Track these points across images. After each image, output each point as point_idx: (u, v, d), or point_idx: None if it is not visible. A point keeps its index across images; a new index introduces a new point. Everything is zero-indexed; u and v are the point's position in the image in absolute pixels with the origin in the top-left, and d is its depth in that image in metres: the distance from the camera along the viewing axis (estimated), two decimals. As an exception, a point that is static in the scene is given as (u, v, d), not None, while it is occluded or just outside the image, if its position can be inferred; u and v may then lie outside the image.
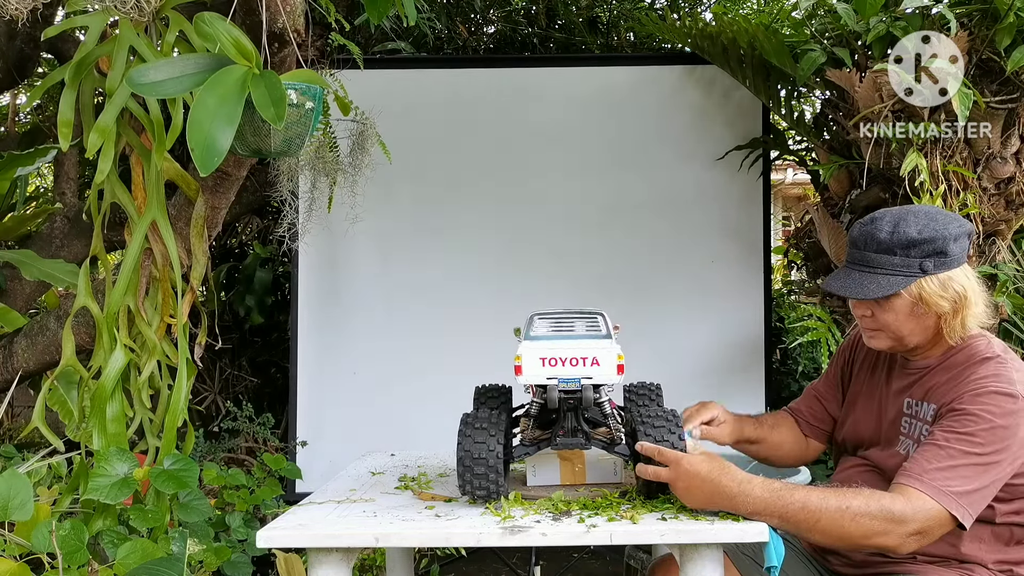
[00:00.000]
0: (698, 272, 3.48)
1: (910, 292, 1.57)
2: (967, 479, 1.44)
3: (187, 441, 2.18)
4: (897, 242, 1.58)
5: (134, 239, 2.01)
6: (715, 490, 1.45)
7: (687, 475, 1.46)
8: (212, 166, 1.56)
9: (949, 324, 1.59)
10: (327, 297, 3.46)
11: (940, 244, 1.56)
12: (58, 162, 3.04)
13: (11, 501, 1.71)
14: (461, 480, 1.54)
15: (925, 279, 1.56)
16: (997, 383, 1.50)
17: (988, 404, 1.48)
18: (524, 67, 3.65)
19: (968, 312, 1.58)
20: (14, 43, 3.03)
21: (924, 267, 1.57)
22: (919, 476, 1.45)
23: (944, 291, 1.57)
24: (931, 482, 1.44)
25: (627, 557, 2.63)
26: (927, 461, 1.47)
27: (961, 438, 1.47)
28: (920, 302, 1.57)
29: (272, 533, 1.44)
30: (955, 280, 1.57)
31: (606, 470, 1.71)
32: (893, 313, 1.60)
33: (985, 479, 1.46)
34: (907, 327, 1.61)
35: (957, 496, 1.43)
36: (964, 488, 1.44)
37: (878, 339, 1.66)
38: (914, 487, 1.44)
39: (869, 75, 2.60)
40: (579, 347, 1.56)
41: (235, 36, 1.72)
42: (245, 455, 3.55)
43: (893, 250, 1.58)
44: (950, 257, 1.57)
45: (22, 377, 2.54)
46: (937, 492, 1.43)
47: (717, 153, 3.42)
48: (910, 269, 1.57)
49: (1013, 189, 2.71)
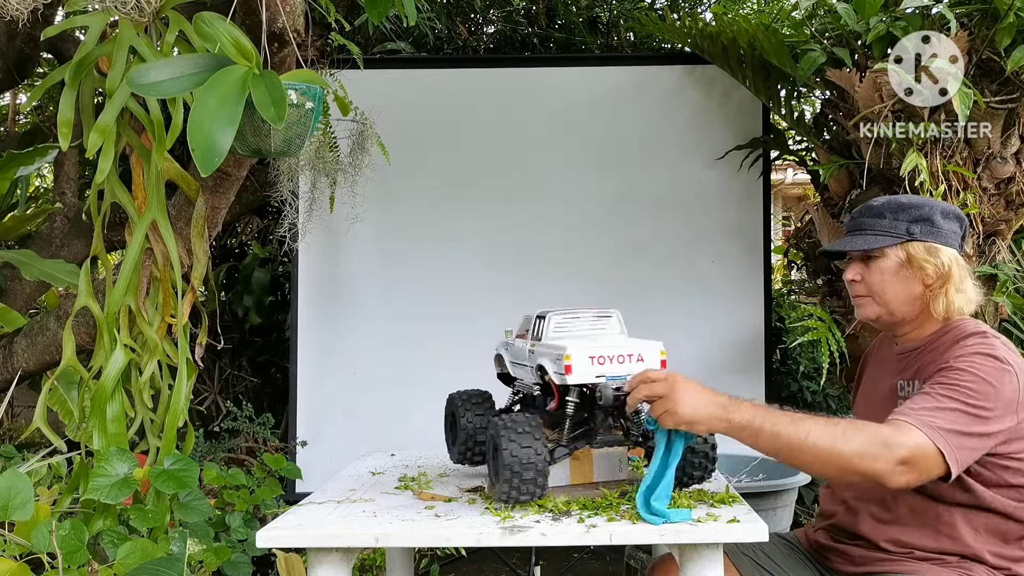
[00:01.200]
0: (698, 272, 3.48)
1: (897, 253, 1.65)
2: (953, 421, 1.46)
3: (187, 441, 2.18)
4: (887, 206, 1.69)
5: (134, 239, 2.01)
6: (710, 398, 1.47)
7: (684, 384, 1.47)
8: (213, 166, 1.56)
9: (934, 294, 1.63)
10: (327, 297, 3.46)
11: (927, 211, 1.65)
12: (58, 162, 3.04)
13: (12, 501, 1.70)
14: (507, 486, 1.50)
15: (912, 243, 1.64)
16: (983, 348, 1.55)
17: (974, 362, 1.52)
18: (524, 67, 3.65)
19: (951, 288, 1.63)
20: (14, 43, 3.04)
21: (911, 231, 1.65)
22: (907, 413, 1.48)
23: (930, 255, 1.63)
24: (918, 417, 1.46)
25: (627, 557, 2.63)
26: (915, 403, 1.50)
27: (949, 388, 1.50)
28: (907, 264, 1.64)
29: (272, 533, 1.44)
30: (943, 253, 1.63)
31: (612, 467, 1.71)
32: (880, 274, 1.67)
33: (972, 428, 1.47)
34: (892, 290, 1.66)
35: (944, 432, 1.45)
36: (951, 427, 1.46)
37: (866, 306, 1.71)
38: (902, 419, 1.47)
39: (869, 75, 2.60)
40: (625, 344, 1.56)
41: (235, 36, 1.72)
42: (245, 455, 3.55)
43: (883, 213, 1.68)
44: (937, 228, 1.65)
45: (22, 377, 2.54)
46: (924, 425, 1.45)
47: (717, 153, 3.42)
48: (897, 231, 1.66)
49: (1013, 189, 2.71)
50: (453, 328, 3.41)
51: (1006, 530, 1.56)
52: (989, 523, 1.56)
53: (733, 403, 1.48)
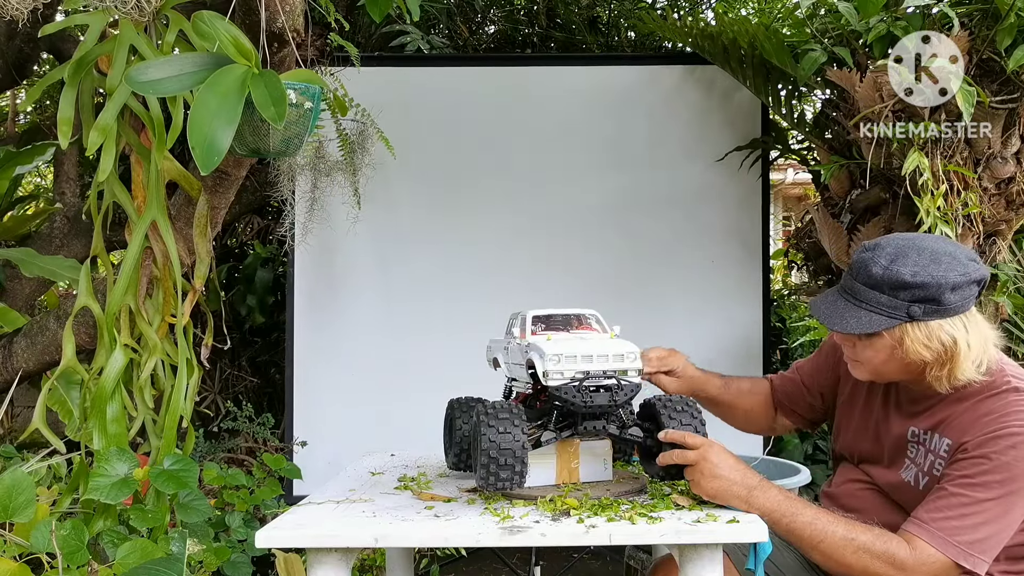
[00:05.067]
0: (697, 272, 3.48)
1: (892, 335, 1.48)
2: (977, 527, 1.41)
3: (187, 441, 2.18)
4: (887, 280, 1.47)
5: (134, 239, 2.00)
6: (738, 479, 1.46)
7: (716, 459, 1.47)
8: (212, 165, 1.56)
9: (934, 375, 1.49)
10: (326, 297, 3.46)
11: (933, 292, 1.45)
12: (58, 162, 3.04)
13: (14, 501, 1.70)
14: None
15: (911, 324, 1.46)
16: (1016, 422, 1.43)
17: (1006, 447, 1.42)
18: (524, 66, 3.64)
19: (957, 365, 1.46)
20: (14, 43, 3.04)
21: (911, 312, 1.46)
22: (926, 525, 1.43)
23: (929, 341, 1.46)
24: (938, 532, 1.42)
25: (627, 557, 2.63)
26: (937, 510, 1.44)
27: (974, 485, 1.43)
28: (900, 347, 1.48)
29: (271, 533, 1.44)
30: (945, 330, 1.46)
31: (597, 468, 1.71)
32: (872, 351, 1.52)
33: (1000, 524, 1.42)
34: (886, 368, 1.54)
35: (966, 546, 1.41)
36: (974, 537, 1.41)
37: (858, 370, 1.60)
38: (921, 537, 1.43)
39: (869, 75, 2.60)
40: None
41: (234, 35, 1.72)
42: (245, 455, 3.55)
43: (882, 288, 1.48)
44: (944, 306, 1.46)
45: (22, 377, 2.54)
46: (943, 543, 1.41)
47: (717, 153, 3.42)
48: (896, 311, 1.47)
49: (1013, 189, 2.71)
50: (453, 328, 3.41)
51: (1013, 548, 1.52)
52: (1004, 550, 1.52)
53: (760, 487, 1.47)
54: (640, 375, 1.56)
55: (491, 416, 1.51)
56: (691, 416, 1.58)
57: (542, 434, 1.60)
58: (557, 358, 1.52)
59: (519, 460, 1.50)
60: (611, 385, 1.54)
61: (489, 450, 1.49)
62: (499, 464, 1.49)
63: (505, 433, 1.49)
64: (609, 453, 1.71)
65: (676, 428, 1.55)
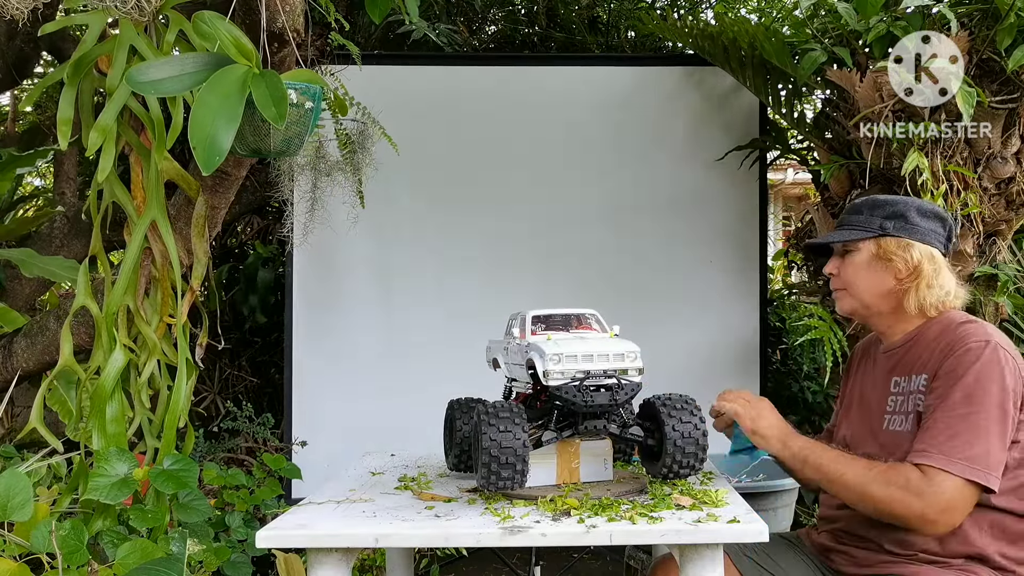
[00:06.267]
0: (696, 272, 3.48)
1: (869, 247, 1.72)
2: (971, 443, 1.49)
3: (187, 441, 2.17)
4: (865, 203, 1.76)
5: (133, 239, 2.00)
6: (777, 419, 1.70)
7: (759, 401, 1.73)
8: (214, 165, 1.56)
9: (905, 289, 1.69)
10: (326, 297, 3.45)
11: (902, 208, 1.71)
12: (58, 162, 3.04)
13: (11, 501, 1.70)
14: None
15: (883, 239, 1.70)
16: (974, 337, 1.58)
17: (970, 360, 1.55)
18: (524, 66, 3.64)
19: (923, 283, 1.67)
20: (14, 43, 3.04)
21: (884, 226, 1.71)
22: (931, 454, 1.51)
23: (900, 250, 1.69)
24: (940, 455, 1.50)
25: (627, 557, 2.63)
26: (932, 436, 1.53)
27: (953, 403, 1.53)
28: (877, 258, 1.71)
29: (272, 533, 1.44)
30: (915, 249, 1.68)
31: (597, 468, 1.71)
32: (853, 267, 1.74)
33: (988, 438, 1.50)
34: (864, 283, 1.73)
35: (969, 461, 1.48)
36: (972, 452, 1.49)
37: (842, 299, 1.79)
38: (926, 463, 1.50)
39: (869, 75, 2.59)
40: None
41: (235, 35, 1.72)
42: (245, 455, 3.54)
43: (860, 210, 1.76)
44: (912, 225, 1.70)
45: (22, 377, 2.53)
46: (948, 462, 1.49)
47: (716, 154, 3.42)
48: (871, 225, 1.72)
49: (1013, 189, 2.71)
50: (453, 328, 3.41)
51: (1013, 529, 1.56)
52: (995, 522, 1.56)
53: (792, 431, 1.69)
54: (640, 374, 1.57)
55: (492, 416, 1.51)
56: (690, 414, 1.59)
57: (543, 434, 1.60)
58: (557, 358, 1.52)
59: (520, 460, 1.50)
60: (611, 384, 1.54)
61: (490, 450, 1.49)
62: (500, 464, 1.49)
63: (506, 433, 1.49)
64: (610, 453, 1.71)
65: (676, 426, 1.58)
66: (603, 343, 1.59)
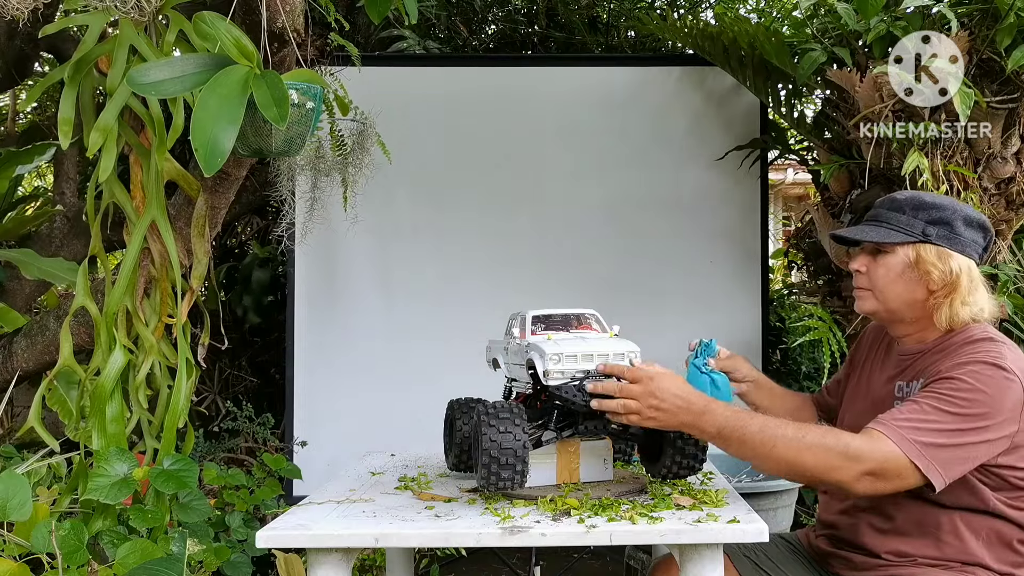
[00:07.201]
0: (697, 272, 3.48)
1: (907, 252, 1.58)
2: (937, 434, 1.43)
3: (187, 441, 2.17)
4: (908, 201, 1.61)
5: (133, 239, 2.00)
6: (685, 405, 1.47)
7: (659, 389, 1.47)
8: (216, 166, 1.56)
9: (938, 303, 1.57)
10: (326, 297, 3.46)
11: (948, 215, 1.58)
12: (58, 162, 3.04)
13: (9, 501, 1.70)
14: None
15: (924, 245, 1.57)
16: (987, 355, 1.49)
17: (974, 370, 1.47)
18: (524, 66, 3.64)
19: (957, 298, 1.56)
20: (14, 43, 3.04)
21: (926, 232, 1.57)
22: (886, 422, 1.46)
23: (939, 261, 1.56)
24: (896, 428, 1.44)
25: (627, 557, 2.63)
26: (900, 413, 1.47)
27: (940, 398, 1.46)
28: (914, 266, 1.57)
29: (272, 533, 1.44)
30: (954, 260, 1.56)
31: (597, 468, 1.71)
32: (885, 269, 1.61)
33: (959, 440, 1.44)
34: (894, 289, 1.60)
35: (922, 446, 1.42)
36: (931, 440, 1.43)
37: (865, 299, 1.66)
38: (878, 429, 1.45)
39: (869, 75, 2.60)
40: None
41: (236, 36, 1.72)
42: (245, 455, 3.54)
43: (903, 208, 1.61)
44: (956, 235, 1.57)
45: (22, 377, 2.53)
46: (900, 438, 1.43)
47: (716, 154, 3.42)
48: (912, 229, 1.58)
49: (1013, 189, 2.71)
50: (452, 328, 3.40)
51: (1009, 535, 1.54)
52: (992, 527, 1.54)
53: (707, 410, 1.48)
54: None
55: (492, 416, 1.51)
56: None
57: (543, 434, 1.60)
58: (557, 358, 1.52)
59: (520, 460, 1.50)
60: None
61: (490, 450, 1.49)
62: (500, 464, 1.49)
63: (506, 433, 1.49)
64: (610, 453, 1.71)
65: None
66: (603, 343, 1.59)
